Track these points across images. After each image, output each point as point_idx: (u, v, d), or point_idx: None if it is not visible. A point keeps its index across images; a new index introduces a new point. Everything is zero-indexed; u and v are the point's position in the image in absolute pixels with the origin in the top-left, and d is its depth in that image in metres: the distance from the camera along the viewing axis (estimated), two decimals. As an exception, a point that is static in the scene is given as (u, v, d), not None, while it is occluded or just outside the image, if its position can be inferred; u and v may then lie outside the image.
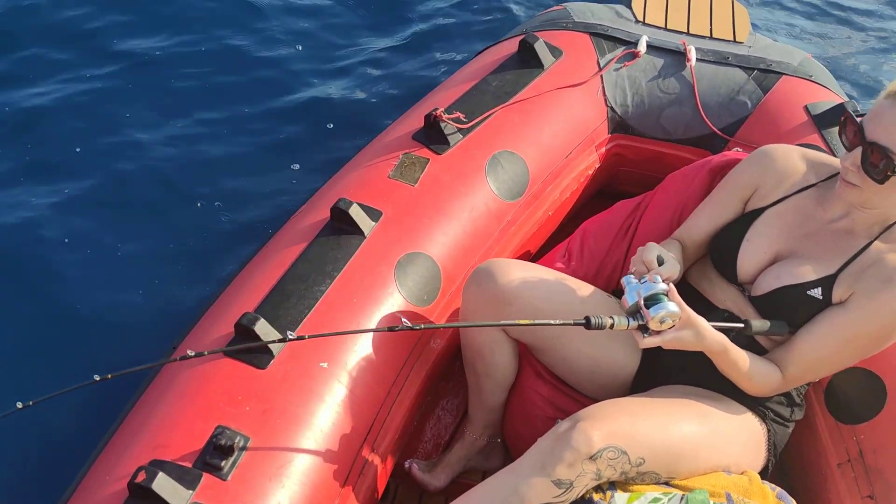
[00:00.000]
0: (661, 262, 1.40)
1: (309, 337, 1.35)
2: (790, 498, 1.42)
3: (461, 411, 1.92)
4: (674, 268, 1.42)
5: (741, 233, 1.54)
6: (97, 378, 1.22)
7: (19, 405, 1.18)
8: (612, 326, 1.30)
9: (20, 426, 1.75)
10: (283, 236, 1.76)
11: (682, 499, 1.17)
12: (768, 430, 1.53)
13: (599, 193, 2.34)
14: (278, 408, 1.42)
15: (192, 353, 1.28)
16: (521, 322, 1.32)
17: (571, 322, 1.30)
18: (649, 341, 1.32)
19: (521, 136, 2.02)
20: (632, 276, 1.36)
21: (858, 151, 1.31)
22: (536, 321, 1.32)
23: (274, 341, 1.42)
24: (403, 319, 1.47)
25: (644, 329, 1.32)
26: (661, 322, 1.29)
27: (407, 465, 1.73)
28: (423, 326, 1.33)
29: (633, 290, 1.32)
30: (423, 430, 1.89)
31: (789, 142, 2.02)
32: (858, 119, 1.34)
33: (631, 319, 1.31)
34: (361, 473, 1.49)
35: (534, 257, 2.05)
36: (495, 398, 1.71)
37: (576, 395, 1.67)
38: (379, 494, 1.57)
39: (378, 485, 1.55)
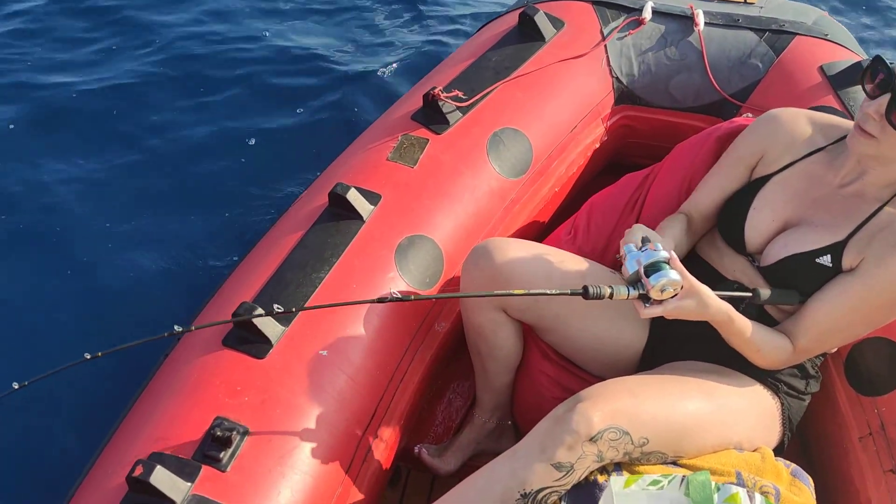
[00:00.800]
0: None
1: (297, 311, 1.33)
2: (805, 475, 1.37)
3: (472, 394, 1.89)
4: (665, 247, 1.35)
5: (748, 202, 1.49)
6: (87, 356, 1.20)
7: (15, 385, 1.18)
8: (611, 296, 1.25)
9: (26, 422, 1.79)
10: (282, 224, 1.75)
11: (682, 480, 1.13)
12: (782, 404, 1.48)
13: (608, 167, 2.28)
14: (278, 397, 1.41)
15: (180, 329, 1.26)
16: (516, 292, 1.27)
17: (569, 292, 1.25)
18: (651, 311, 1.27)
19: (523, 112, 1.97)
20: (632, 244, 1.31)
21: (885, 98, 1.24)
22: (532, 291, 1.27)
23: (255, 316, 1.40)
24: (392, 291, 1.44)
25: (645, 298, 1.27)
26: (662, 291, 1.24)
27: (416, 450, 1.72)
28: (413, 297, 1.29)
29: (633, 259, 1.27)
30: (434, 413, 1.87)
31: (804, 105, 1.95)
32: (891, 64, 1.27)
33: (631, 289, 1.26)
34: (365, 461, 1.48)
35: (540, 235, 2.00)
36: (501, 380, 1.68)
37: (583, 375, 1.64)
38: (385, 481, 1.56)
39: (384, 471, 1.54)
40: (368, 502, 1.46)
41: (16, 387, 1.18)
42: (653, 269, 1.24)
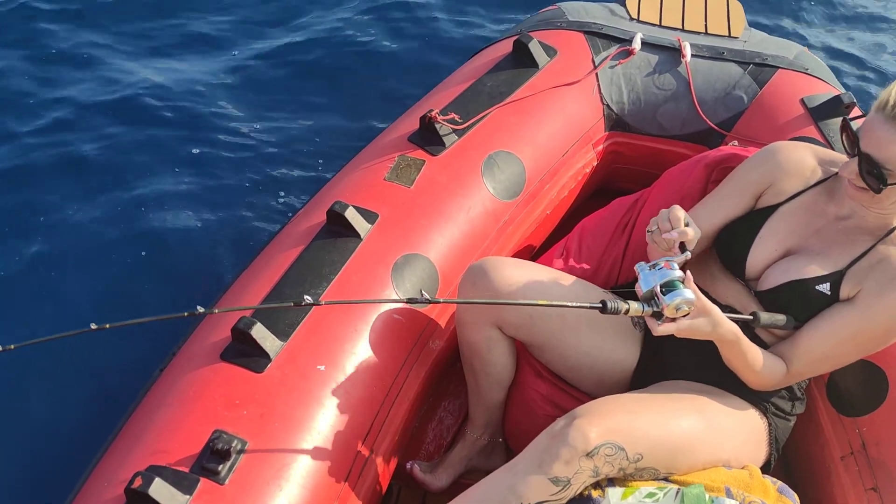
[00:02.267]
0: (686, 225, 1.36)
1: (326, 303, 1.35)
2: (791, 492, 1.41)
3: (463, 413, 1.91)
4: (697, 232, 1.36)
5: (755, 230, 1.53)
6: (94, 326, 1.18)
7: (12, 346, 1.15)
8: (627, 312, 1.27)
9: (23, 431, 1.77)
10: (279, 241, 1.77)
11: (677, 493, 1.16)
12: (769, 425, 1.52)
13: (598, 191, 2.33)
14: (276, 411, 1.42)
15: (202, 310, 1.23)
16: (540, 302, 1.30)
17: (587, 305, 1.28)
18: (664, 328, 1.30)
19: (517, 136, 2.02)
20: (645, 262, 1.33)
21: (855, 161, 1.32)
22: (554, 302, 1.31)
23: (274, 307, 1.43)
24: (423, 293, 1.45)
25: (658, 316, 1.30)
26: (677, 309, 1.27)
27: (408, 466, 1.73)
28: (441, 300, 1.32)
29: (649, 277, 1.30)
30: (425, 431, 1.89)
31: (786, 135, 2.02)
32: (855, 127, 1.34)
33: (646, 305, 1.29)
34: (361, 475, 1.49)
35: (532, 257, 2.04)
36: (494, 396, 1.71)
37: (575, 393, 1.67)
38: (380, 496, 1.57)
39: (378, 486, 1.55)
40: (364, 517, 1.47)
41: (12, 347, 1.15)
42: (668, 287, 1.27)
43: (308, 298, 1.25)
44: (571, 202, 2.18)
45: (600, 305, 1.27)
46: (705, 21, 2.37)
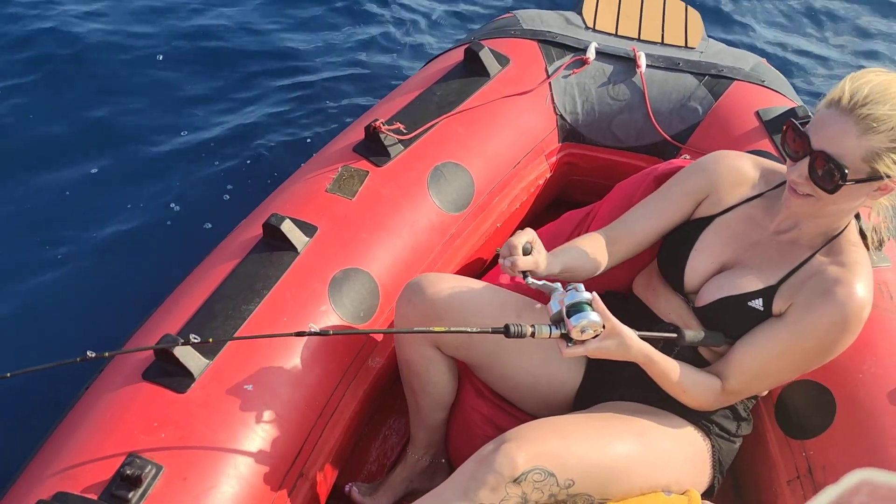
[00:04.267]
0: (526, 252, 1.36)
1: (199, 342, 1.28)
2: (731, 519, 1.36)
3: (409, 431, 1.85)
4: (535, 261, 1.36)
5: (691, 241, 1.50)
6: None
7: None
8: (533, 335, 1.25)
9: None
10: (215, 256, 1.71)
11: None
12: (713, 446, 1.48)
13: (553, 203, 2.29)
14: (197, 434, 1.36)
15: (93, 354, 1.20)
16: (436, 329, 1.28)
17: (489, 330, 1.25)
18: (572, 351, 1.28)
19: (465, 147, 1.98)
20: (559, 283, 1.33)
21: (805, 162, 1.26)
22: (452, 329, 1.28)
23: (169, 345, 1.35)
24: (311, 325, 1.40)
25: (568, 338, 1.28)
26: (583, 332, 1.26)
27: (347, 489, 1.68)
28: (332, 332, 1.27)
29: (557, 299, 1.29)
30: (369, 450, 1.83)
31: (740, 148, 1.98)
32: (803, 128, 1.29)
33: (553, 328, 1.27)
34: (289, 501, 1.43)
35: (480, 271, 2.00)
36: (435, 417, 1.65)
37: (517, 414, 1.62)
38: (310, 522, 1.51)
39: (310, 512, 1.49)
40: (291, 545, 1.41)
41: None
42: (575, 309, 1.25)
43: (194, 337, 1.21)
44: (524, 215, 2.13)
45: (503, 330, 1.23)
46: (662, 31, 2.34)
